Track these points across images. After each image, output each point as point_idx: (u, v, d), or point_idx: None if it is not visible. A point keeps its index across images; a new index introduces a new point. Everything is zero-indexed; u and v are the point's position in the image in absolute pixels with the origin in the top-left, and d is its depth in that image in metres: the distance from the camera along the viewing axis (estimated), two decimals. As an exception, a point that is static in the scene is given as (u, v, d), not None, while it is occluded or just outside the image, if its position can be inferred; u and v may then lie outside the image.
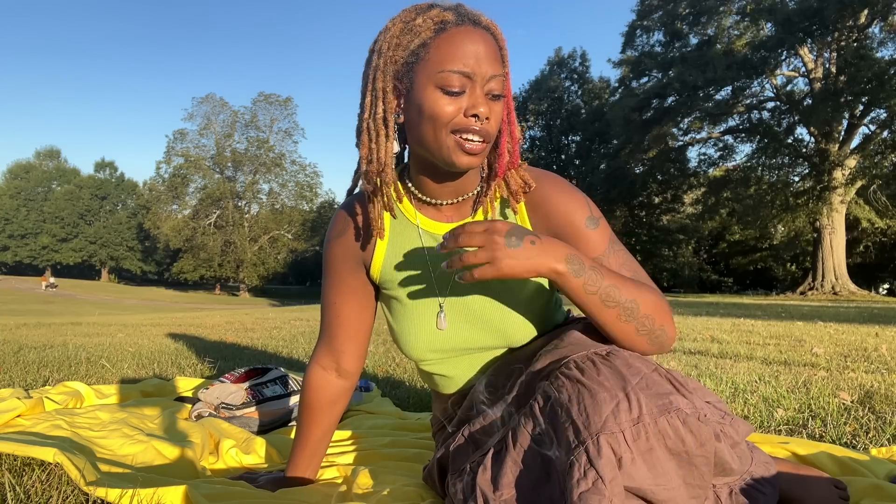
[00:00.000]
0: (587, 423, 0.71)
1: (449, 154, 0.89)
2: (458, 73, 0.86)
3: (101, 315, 10.00)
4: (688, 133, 24.95)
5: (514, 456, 0.79)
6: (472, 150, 0.88)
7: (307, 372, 1.15)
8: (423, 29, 0.88)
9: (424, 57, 0.88)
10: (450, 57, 0.86)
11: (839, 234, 20.99)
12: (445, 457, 0.99)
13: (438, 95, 0.87)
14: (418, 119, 0.90)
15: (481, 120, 0.87)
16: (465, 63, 0.86)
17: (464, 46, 0.86)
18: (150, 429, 1.53)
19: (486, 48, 0.87)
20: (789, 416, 1.68)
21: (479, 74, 0.87)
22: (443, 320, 1.00)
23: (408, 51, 0.89)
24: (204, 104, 44.07)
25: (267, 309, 13.25)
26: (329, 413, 1.14)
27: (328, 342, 1.12)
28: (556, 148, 35.52)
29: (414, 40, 0.88)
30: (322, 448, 1.17)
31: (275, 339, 4.34)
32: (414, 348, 1.03)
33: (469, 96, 0.87)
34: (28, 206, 54.69)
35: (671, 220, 32.23)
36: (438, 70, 0.86)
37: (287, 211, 45.47)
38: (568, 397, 0.74)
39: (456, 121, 0.87)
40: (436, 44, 0.87)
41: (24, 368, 2.56)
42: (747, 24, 21.40)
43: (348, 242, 1.06)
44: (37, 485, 1.04)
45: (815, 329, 4.75)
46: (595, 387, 0.73)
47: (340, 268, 1.07)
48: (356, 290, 1.08)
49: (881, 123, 19.64)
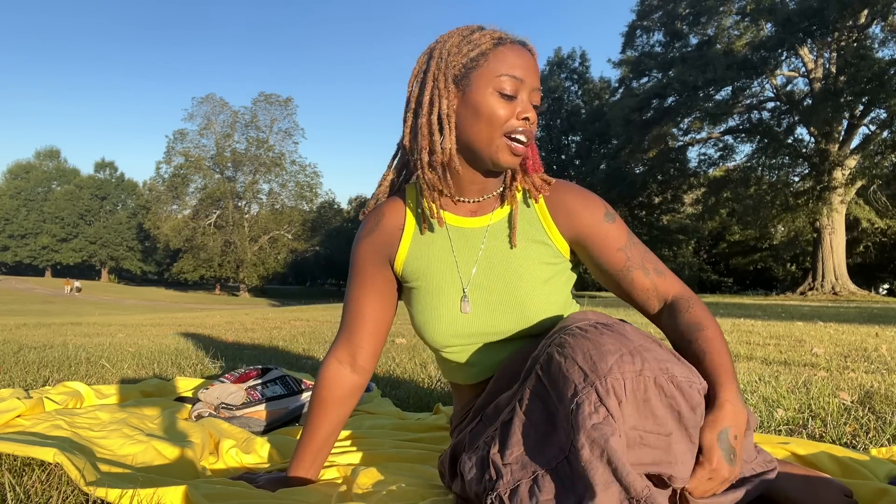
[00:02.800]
0: (594, 367, 0.75)
1: (497, 152, 1.00)
2: (514, 77, 0.99)
3: (101, 315, 10.00)
4: (688, 133, 24.94)
5: (519, 416, 0.83)
6: (516, 151, 1.00)
7: (322, 366, 1.18)
8: (483, 41, 1.01)
9: (483, 64, 1.00)
10: (508, 65, 0.99)
11: (839, 234, 20.99)
12: (461, 442, 1.02)
13: (495, 98, 0.99)
14: (474, 119, 1.00)
15: (530, 123, 1.00)
16: (520, 71, 0.99)
17: (519, 58, 1.00)
18: (150, 429, 1.53)
19: (534, 65, 1.02)
20: (789, 417, 1.68)
21: (528, 83, 1.00)
22: (466, 304, 1.07)
23: (467, 58, 1.01)
24: (204, 104, 44.12)
25: (267, 309, 13.25)
26: (340, 408, 1.16)
27: (347, 336, 1.16)
28: (556, 148, 35.49)
29: (473, 50, 1.01)
30: (328, 447, 1.18)
31: (275, 339, 4.34)
32: (438, 333, 1.08)
33: (520, 102, 1.00)
34: (28, 206, 54.72)
35: (671, 220, 32.21)
36: (497, 75, 0.99)
37: (287, 211, 45.48)
38: (573, 349, 0.79)
39: (509, 123, 0.99)
40: (494, 54, 1.00)
41: (24, 368, 2.56)
42: (747, 24, 21.39)
43: (377, 240, 1.13)
44: (37, 485, 1.04)
45: (815, 329, 4.75)
46: (600, 339, 0.78)
47: (367, 265, 1.14)
48: (380, 287, 1.14)
49: (881, 123, 19.63)
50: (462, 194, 1.09)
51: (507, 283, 1.07)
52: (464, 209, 1.11)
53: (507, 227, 1.09)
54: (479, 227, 1.10)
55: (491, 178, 1.08)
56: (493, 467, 0.83)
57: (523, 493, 0.79)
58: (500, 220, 1.10)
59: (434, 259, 1.10)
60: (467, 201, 1.10)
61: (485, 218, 1.10)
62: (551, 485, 0.77)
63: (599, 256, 1.07)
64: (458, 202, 1.10)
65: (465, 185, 1.08)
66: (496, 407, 0.95)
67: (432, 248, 1.10)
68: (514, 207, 1.09)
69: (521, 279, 1.06)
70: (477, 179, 1.07)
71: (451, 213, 1.10)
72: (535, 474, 0.79)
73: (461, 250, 1.09)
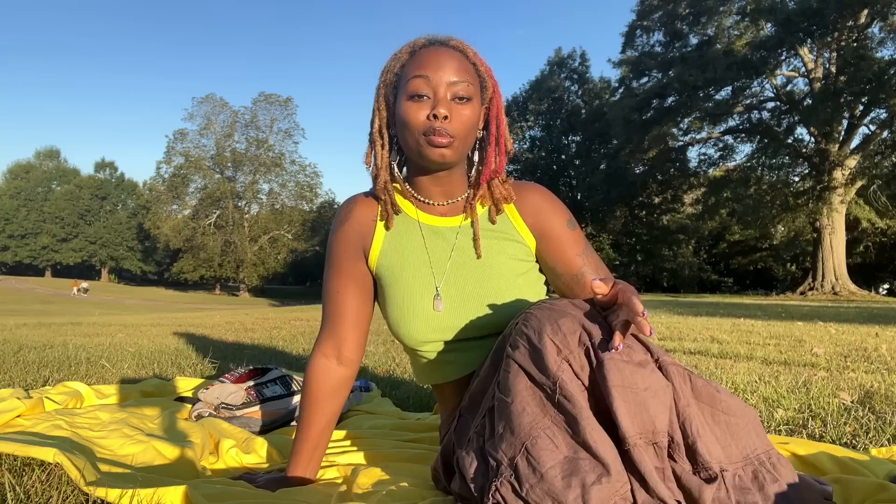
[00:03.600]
0: (565, 341, 0.80)
1: (422, 150, 1.03)
2: (419, 77, 1.02)
3: (101, 315, 10.00)
4: (688, 133, 24.96)
5: (502, 400, 0.84)
6: (436, 143, 1.01)
7: (310, 361, 1.18)
8: (403, 53, 1.07)
9: (402, 75, 1.06)
10: (415, 67, 1.03)
11: (839, 234, 20.99)
12: (448, 443, 1.03)
13: (408, 103, 1.03)
14: (400, 128, 1.06)
15: (440, 119, 1.00)
16: (425, 69, 1.02)
17: (427, 58, 1.03)
18: (150, 429, 1.53)
19: (450, 60, 1.03)
20: (789, 416, 1.68)
21: (438, 80, 1.02)
22: (439, 303, 1.08)
23: (393, 74, 1.08)
24: (204, 104, 44.07)
25: (267, 309, 13.25)
26: (331, 403, 1.17)
27: (331, 329, 1.17)
28: (556, 148, 35.50)
29: (396, 64, 1.07)
30: (323, 443, 1.18)
31: (275, 339, 4.34)
32: (414, 330, 1.09)
33: (432, 100, 1.02)
34: (28, 206, 54.71)
35: (671, 220, 32.21)
36: (407, 80, 1.03)
37: (287, 211, 45.45)
38: (538, 321, 0.83)
39: (423, 123, 1.01)
40: (409, 62, 1.05)
41: (24, 368, 2.56)
42: (747, 24, 21.39)
43: (351, 230, 1.15)
44: (37, 485, 1.04)
45: (815, 329, 4.75)
46: (564, 309, 0.84)
47: (343, 255, 1.15)
48: (357, 278, 1.16)
49: (881, 123, 19.64)
50: (430, 198, 1.13)
51: (481, 279, 1.09)
52: (435, 210, 1.14)
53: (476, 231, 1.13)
54: (452, 226, 1.13)
55: (452, 181, 1.11)
56: (492, 454, 0.83)
57: (524, 469, 0.78)
58: (472, 223, 1.13)
59: (408, 255, 1.12)
60: (435, 204, 1.13)
61: (456, 218, 1.13)
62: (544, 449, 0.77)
63: (558, 259, 1.13)
64: (428, 204, 1.13)
65: (428, 189, 1.12)
66: (471, 398, 0.97)
67: (406, 243, 1.12)
68: (475, 218, 1.12)
69: (495, 275, 1.09)
70: (436, 181, 1.11)
71: (424, 213, 1.14)
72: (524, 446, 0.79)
73: (434, 248, 1.12)
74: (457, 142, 1.03)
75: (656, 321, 5.75)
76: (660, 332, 4.49)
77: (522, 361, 0.83)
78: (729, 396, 0.81)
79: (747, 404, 0.84)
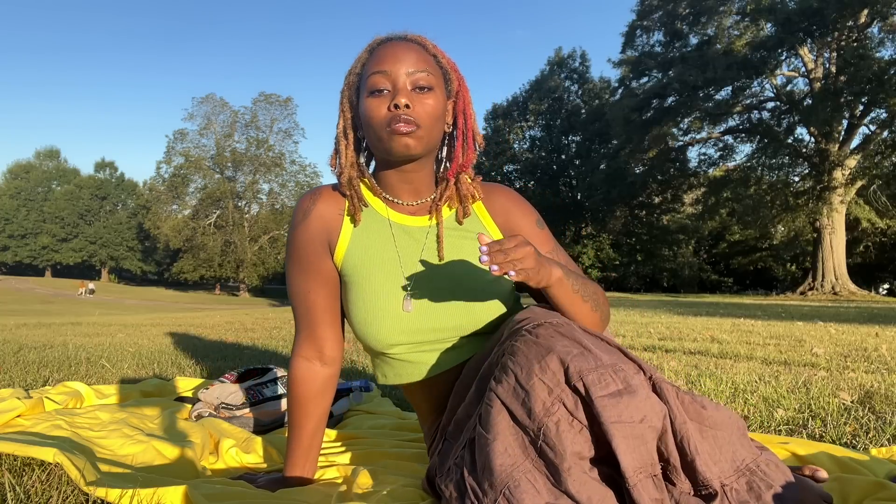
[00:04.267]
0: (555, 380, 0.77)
1: (387, 144, 1.01)
2: (377, 73, 1.01)
3: (101, 315, 10.00)
4: (688, 133, 24.95)
5: (483, 434, 0.81)
6: (399, 130, 0.99)
7: (291, 366, 1.16)
8: (363, 54, 1.07)
9: (362, 74, 1.05)
10: (373, 64, 1.03)
11: (839, 234, 20.98)
12: (433, 466, 1.01)
13: (369, 100, 1.02)
14: (365, 127, 1.05)
15: (402, 108, 0.99)
16: (382, 65, 1.02)
17: (384, 53, 1.03)
18: (150, 429, 1.53)
19: (407, 52, 1.02)
20: (789, 416, 1.68)
21: (396, 72, 1.01)
22: (408, 303, 1.05)
23: (355, 75, 1.07)
24: (204, 104, 44.05)
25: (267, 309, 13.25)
26: (319, 403, 1.16)
27: (309, 333, 1.14)
28: (556, 148, 35.49)
29: (358, 65, 1.07)
30: (317, 442, 1.18)
31: (275, 339, 4.34)
32: (382, 331, 1.05)
33: (392, 93, 1.01)
34: (28, 206, 54.69)
35: (671, 220, 32.20)
36: (366, 77, 1.03)
37: (287, 211, 45.37)
38: (525, 358, 0.80)
39: (385, 115, 1.00)
40: (368, 61, 1.05)
41: (24, 368, 2.56)
42: (747, 24, 21.39)
43: (315, 225, 1.10)
44: (37, 485, 1.04)
45: (815, 329, 4.75)
46: (550, 343, 0.80)
47: (308, 252, 1.10)
48: (324, 275, 1.11)
49: (881, 123, 19.63)
50: (398, 197, 1.11)
51: (451, 281, 1.07)
52: (404, 209, 1.12)
53: (447, 228, 1.11)
54: (422, 225, 1.11)
55: (420, 179, 1.10)
56: (471, 490, 0.81)
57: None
58: (438, 226, 1.11)
59: (376, 253, 1.08)
60: (404, 203, 1.11)
61: (425, 218, 1.12)
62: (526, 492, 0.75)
63: None
64: (397, 203, 1.12)
65: (396, 187, 1.10)
66: (456, 424, 0.94)
67: (375, 241, 1.09)
68: (440, 221, 1.10)
69: (466, 277, 1.07)
70: (404, 178, 1.09)
71: (394, 211, 1.11)
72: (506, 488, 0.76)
73: (404, 247, 1.09)
74: (421, 130, 1.00)
75: (656, 321, 5.75)
76: (660, 332, 4.48)
77: (506, 399, 0.79)
78: (714, 409, 0.80)
79: (731, 411, 0.83)
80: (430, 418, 1.14)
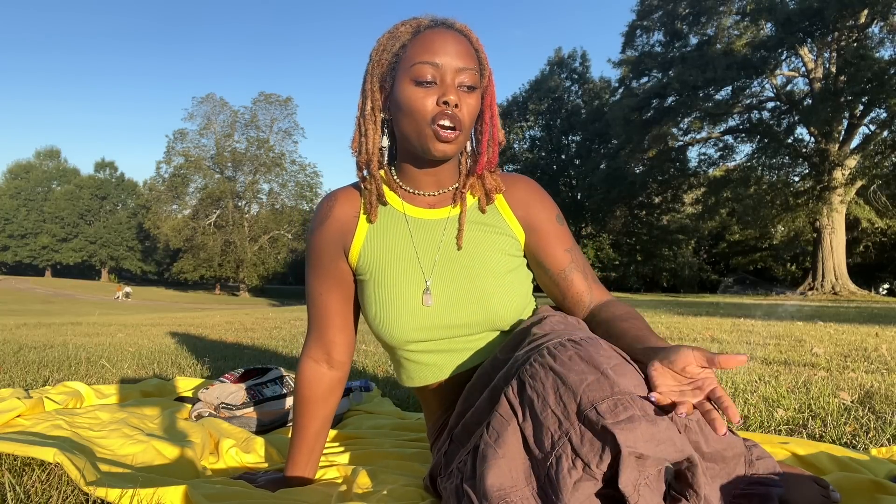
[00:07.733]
0: (566, 412, 0.72)
1: (426, 142, 0.98)
2: (427, 63, 0.96)
3: (101, 315, 10.00)
4: (688, 133, 24.93)
5: (490, 446, 0.78)
6: (445, 138, 0.97)
7: (299, 367, 1.17)
8: (403, 33, 1.01)
9: (403, 56, 0.99)
10: (421, 51, 0.97)
11: (839, 234, 20.98)
12: (437, 464, 1.01)
13: (413, 88, 0.97)
14: (401, 113, 1.00)
15: (451, 107, 0.96)
16: (433, 54, 0.97)
17: (434, 42, 0.98)
18: (150, 429, 1.53)
19: (457, 45, 0.98)
20: (789, 416, 1.68)
21: (447, 66, 0.97)
22: (429, 297, 1.04)
23: (391, 54, 1.01)
24: (204, 104, 44.05)
25: (267, 309, 13.24)
26: (324, 405, 1.16)
27: (318, 335, 1.15)
28: (556, 148, 35.49)
29: (396, 44, 1.01)
30: (320, 443, 1.18)
31: (275, 339, 4.34)
32: (399, 327, 1.04)
33: (440, 86, 0.97)
34: (28, 206, 54.69)
35: (671, 220, 32.19)
36: (412, 64, 0.97)
37: (287, 211, 45.42)
38: (542, 385, 0.76)
39: (431, 111, 0.96)
40: (412, 43, 0.99)
41: (24, 368, 2.56)
42: (747, 24, 21.38)
43: (331, 229, 1.09)
44: (37, 485, 1.04)
45: (815, 329, 4.74)
46: (566, 372, 0.75)
47: (324, 256, 1.10)
48: (339, 278, 1.11)
49: (881, 123, 19.62)
50: (418, 188, 1.08)
51: (470, 273, 1.05)
52: (422, 202, 1.09)
53: (469, 221, 1.08)
54: (440, 218, 1.08)
55: (445, 171, 1.07)
56: (467, 499, 0.80)
57: None
58: (460, 214, 1.09)
59: (393, 249, 1.07)
60: (424, 194, 1.09)
61: (444, 210, 1.09)
62: None
63: (546, 253, 1.10)
64: (416, 195, 1.09)
65: (418, 179, 1.08)
66: (464, 427, 0.93)
67: (391, 237, 1.07)
68: (464, 209, 1.08)
69: (485, 269, 1.05)
70: (428, 172, 1.07)
71: (410, 204, 1.09)
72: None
73: (422, 241, 1.07)
74: (461, 136, 0.99)
75: (656, 321, 5.75)
76: (660, 332, 4.48)
77: (521, 421, 0.77)
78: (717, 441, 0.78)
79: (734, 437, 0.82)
80: (436, 413, 1.13)
